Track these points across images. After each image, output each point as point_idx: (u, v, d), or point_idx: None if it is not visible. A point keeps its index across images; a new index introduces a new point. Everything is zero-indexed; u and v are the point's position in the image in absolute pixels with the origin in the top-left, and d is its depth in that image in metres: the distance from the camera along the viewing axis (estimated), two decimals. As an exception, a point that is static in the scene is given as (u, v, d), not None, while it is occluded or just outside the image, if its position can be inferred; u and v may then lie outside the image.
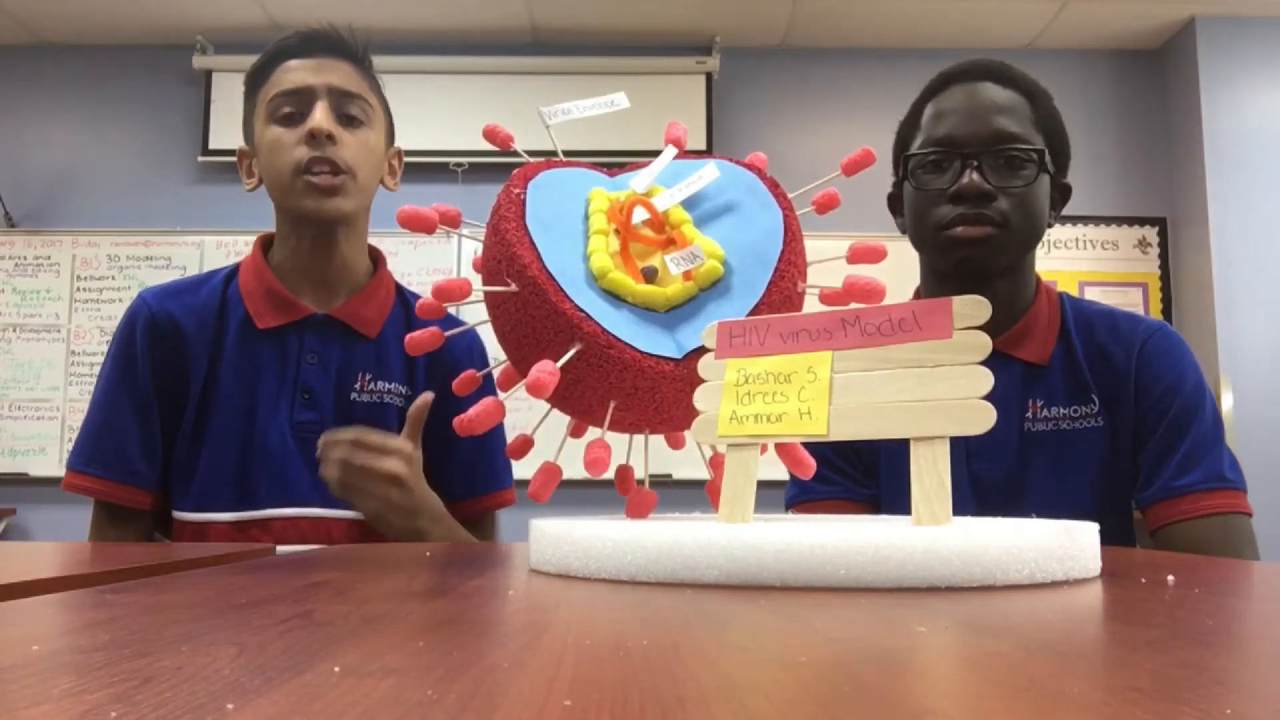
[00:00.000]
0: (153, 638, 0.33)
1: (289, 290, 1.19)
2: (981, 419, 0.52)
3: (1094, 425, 1.07)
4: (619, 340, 0.64)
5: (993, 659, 0.30)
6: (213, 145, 3.75)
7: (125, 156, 3.83)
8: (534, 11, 3.65)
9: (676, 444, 0.76)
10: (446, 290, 0.69)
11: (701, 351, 0.63)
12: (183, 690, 0.25)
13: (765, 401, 0.58)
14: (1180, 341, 1.10)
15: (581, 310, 0.64)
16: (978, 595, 0.45)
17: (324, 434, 1.06)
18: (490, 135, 0.79)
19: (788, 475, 0.82)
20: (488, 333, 0.75)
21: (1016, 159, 1.06)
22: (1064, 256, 3.75)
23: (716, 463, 0.70)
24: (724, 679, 0.27)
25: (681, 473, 2.50)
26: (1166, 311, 3.73)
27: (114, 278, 3.73)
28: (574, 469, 0.63)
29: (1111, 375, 1.08)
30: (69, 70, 3.87)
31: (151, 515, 1.18)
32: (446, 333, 0.75)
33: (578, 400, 0.67)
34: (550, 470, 0.67)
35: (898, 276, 0.88)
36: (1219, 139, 3.57)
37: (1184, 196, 3.70)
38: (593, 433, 0.69)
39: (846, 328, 0.57)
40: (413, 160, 1.32)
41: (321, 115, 1.13)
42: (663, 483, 1.67)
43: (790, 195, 0.75)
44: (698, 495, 0.95)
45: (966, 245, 1.05)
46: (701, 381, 0.62)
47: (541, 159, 0.77)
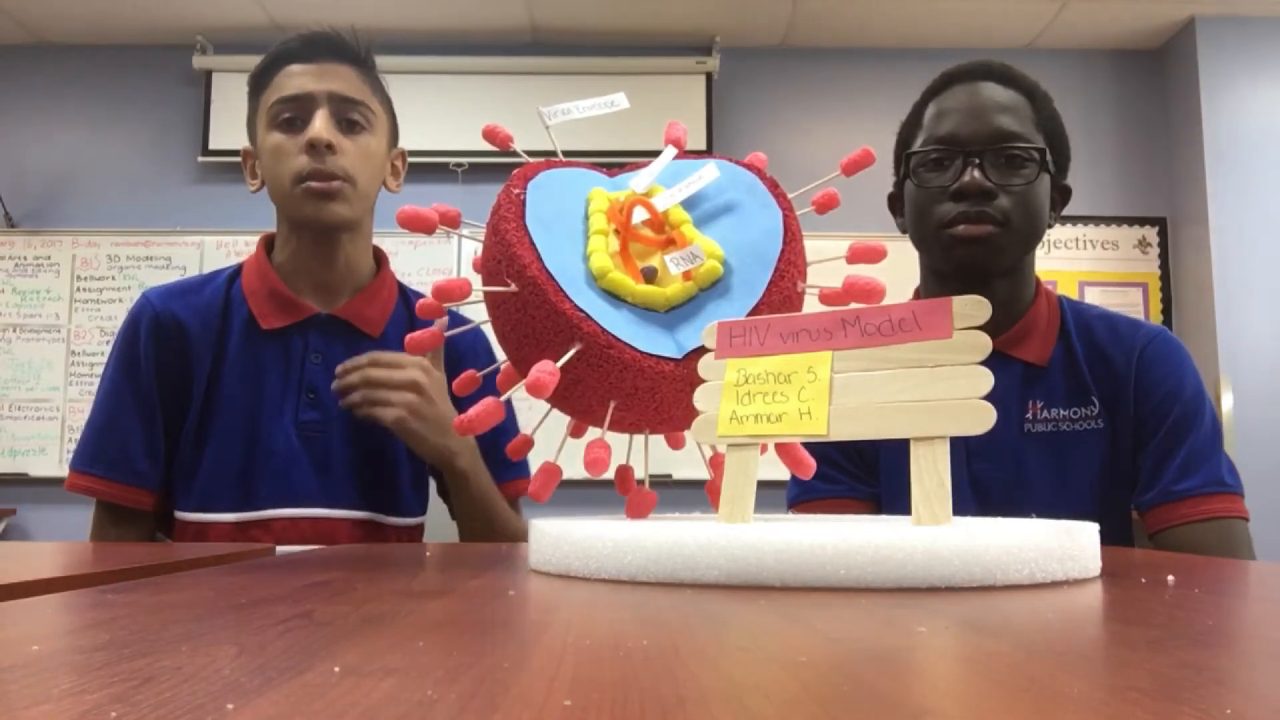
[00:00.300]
0: (153, 638, 0.33)
1: (292, 290, 1.19)
2: (981, 419, 0.52)
3: (1094, 427, 1.08)
4: (619, 340, 0.64)
5: (993, 659, 0.30)
6: (213, 145, 3.75)
7: (125, 156, 3.83)
8: (534, 11, 3.65)
9: (676, 444, 0.76)
10: (446, 290, 0.69)
11: (701, 351, 0.63)
12: (183, 690, 0.25)
13: (765, 401, 0.58)
14: (1180, 347, 1.11)
15: (581, 310, 0.64)
16: (978, 595, 0.45)
17: (337, 368, 1.10)
18: (490, 135, 0.79)
19: (788, 475, 0.82)
20: (488, 332, 0.75)
21: (1018, 158, 1.06)
22: (1064, 256, 3.75)
23: (716, 463, 0.70)
24: (724, 679, 0.27)
25: (681, 473, 2.50)
26: (1166, 311, 3.73)
27: (114, 278, 3.73)
28: (574, 469, 0.63)
29: (1111, 378, 1.08)
30: (69, 70, 3.87)
31: (153, 516, 1.18)
32: (447, 333, 0.75)
33: (578, 400, 0.67)
34: (550, 470, 0.67)
35: (898, 276, 0.88)
36: (1219, 139, 3.57)
37: (1184, 196, 3.70)
38: (593, 433, 0.69)
39: (846, 328, 0.57)
40: (413, 160, 1.32)
41: (321, 125, 1.13)
42: (663, 483, 1.66)
43: (790, 195, 0.75)
44: (698, 495, 0.95)
45: (968, 244, 1.05)
46: (701, 381, 0.62)
47: (541, 159, 0.77)
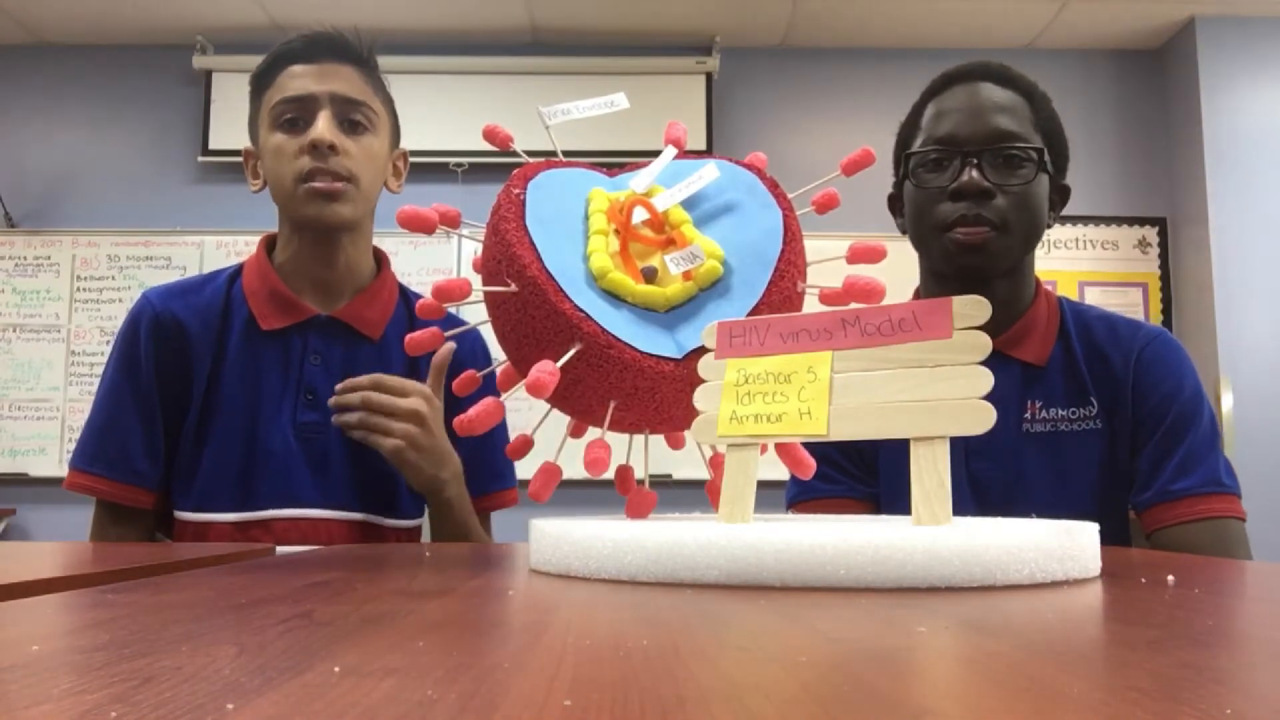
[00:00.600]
0: (153, 638, 0.33)
1: (292, 291, 1.19)
2: (981, 419, 0.52)
3: (1092, 427, 1.08)
4: (619, 340, 0.64)
5: (993, 659, 0.30)
6: (213, 145, 3.75)
7: (125, 156, 3.83)
8: (534, 12, 3.65)
9: (676, 444, 0.76)
10: (446, 290, 0.69)
11: (701, 351, 0.63)
12: (183, 690, 0.25)
13: (765, 401, 0.58)
14: (1179, 348, 1.11)
15: (581, 310, 0.64)
16: (978, 595, 0.45)
17: (338, 385, 1.09)
18: (490, 135, 0.79)
19: (788, 475, 0.82)
20: (488, 332, 0.75)
21: (1016, 157, 1.06)
22: (1064, 256, 3.75)
23: (716, 463, 0.70)
24: (724, 679, 0.27)
25: (681, 473, 2.50)
26: (1166, 311, 3.73)
27: (114, 278, 3.73)
28: (574, 469, 0.63)
29: (1110, 379, 1.09)
30: (69, 70, 3.87)
31: (153, 515, 1.18)
32: (447, 334, 0.75)
33: (578, 400, 0.67)
34: (550, 470, 0.67)
35: (898, 276, 0.88)
36: (1219, 139, 3.57)
37: (1184, 196, 3.70)
38: (593, 433, 0.69)
39: (846, 328, 0.57)
40: (413, 160, 1.32)
41: (324, 125, 1.13)
42: (663, 483, 1.67)
43: (790, 195, 0.75)
44: (698, 495, 0.95)
45: (966, 252, 1.05)
46: (701, 381, 0.62)
47: (541, 159, 0.77)
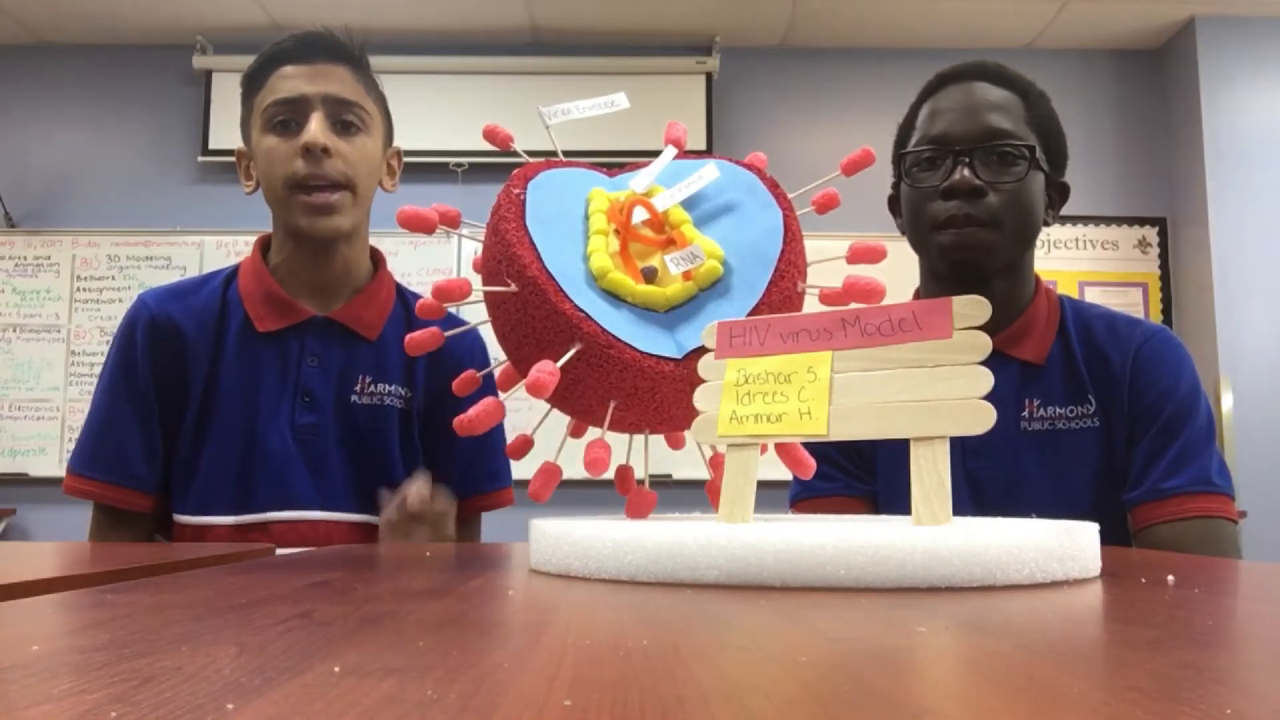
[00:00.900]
0: (153, 638, 0.33)
1: (288, 293, 1.18)
2: (981, 419, 0.52)
3: (1090, 426, 1.07)
4: (619, 340, 0.64)
5: (993, 659, 0.30)
6: (213, 145, 3.75)
7: (125, 156, 3.83)
8: (534, 12, 3.65)
9: (676, 444, 0.76)
10: (446, 290, 0.68)
11: (701, 351, 0.63)
12: (183, 690, 0.25)
13: (765, 401, 0.58)
14: (1178, 346, 1.10)
15: (581, 310, 0.64)
16: (978, 595, 0.45)
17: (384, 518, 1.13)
18: (490, 135, 0.79)
19: (788, 475, 0.82)
20: (488, 332, 0.75)
21: (1008, 155, 1.06)
22: (1064, 256, 3.75)
23: (716, 463, 0.70)
24: (724, 679, 0.27)
25: (681, 473, 2.50)
26: (1166, 311, 3.73)
27: (114, 278, 3.73)
28: (574, 469, 0.63)
29: (1108, 377, 1.08)
30: (69, 70, 3.87)
31: (151, 518, 1.18)
32: (447, 333, 0.75)
33: (578, 400, 0.67)
34: (550, 470, 0.67)
35: (898, 276, 0.88)
36: (1219, 139, 3.57)
37: (1184, 196, 3.70)
38: (593, 433, 0.69)
39: (846, 328, 0.57)
40: (413, 160, 1.32)
41: (316, 128, 1.12)
42: (663, 483, 1.66)
43: (790, 195, 0.75)
44: (698, 495, 0.95)
45: (958, 250, 1.05)
46: (701, 381, 0.62)
47: (541, 159, 0.77)
